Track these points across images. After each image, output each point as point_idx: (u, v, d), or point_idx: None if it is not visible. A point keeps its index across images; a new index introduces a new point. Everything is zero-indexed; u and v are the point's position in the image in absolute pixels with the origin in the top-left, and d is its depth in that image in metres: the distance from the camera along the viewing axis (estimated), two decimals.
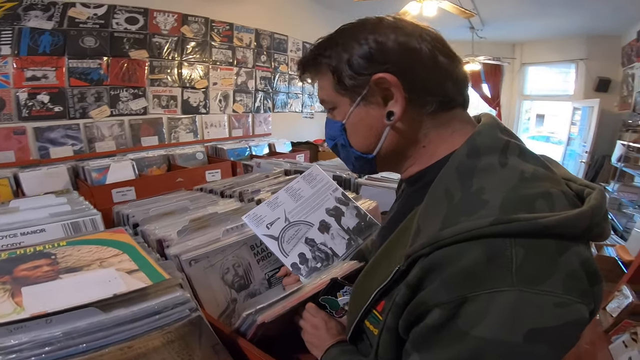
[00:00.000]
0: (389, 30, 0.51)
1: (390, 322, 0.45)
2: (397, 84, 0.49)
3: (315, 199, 0.95)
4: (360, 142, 0.56)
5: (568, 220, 0.37)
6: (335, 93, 0.55)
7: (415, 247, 0.42)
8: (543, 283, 0.36)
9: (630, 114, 4.32)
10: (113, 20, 2.47)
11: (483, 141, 0.47)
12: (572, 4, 3.76)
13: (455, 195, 0.43)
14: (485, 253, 0.37)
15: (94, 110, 2.47)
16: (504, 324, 0.35)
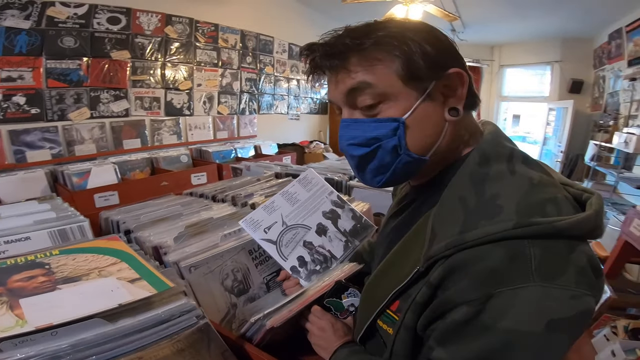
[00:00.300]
0: (433, 29, 0.52)
1: (409, 320, 0.47)
2: (467, 80, 0.50)
3: (311, 203, 0.95)
4: (421, 142, 0.51)
5: (578, 222, 0.41)
6: (399, 82, 0.48)
7: (439, 249, 0.44)
8: (559, 278, 0.39)
9: (602, 115, 4.53)
10: (94, 20, 2.40)
11: (492, 150, 0.49)
12: (548, 7, 3.92)
13: (470, 201, 0.46)
14: (508, 253, 0.40)
15: (73, 112, 2.39)
16: (527, 316, 0.38)
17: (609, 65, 4.42)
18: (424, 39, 0.48)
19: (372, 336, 0.57)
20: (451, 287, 0.42)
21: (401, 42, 0.48)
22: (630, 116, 3.69)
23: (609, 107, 4.39)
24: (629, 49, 3.81)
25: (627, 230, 1.48)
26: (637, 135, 2.71)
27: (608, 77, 4.46)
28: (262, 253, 0.92)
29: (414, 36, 0.48)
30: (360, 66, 0.49)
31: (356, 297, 0.67)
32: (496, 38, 5.78)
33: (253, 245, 0.91)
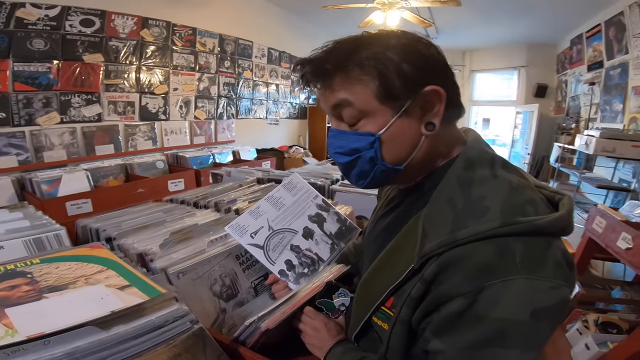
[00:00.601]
0: (417, 40, 0.53)
1: (404, 315, 0.50)
2: (444, 96, 0.52)
3: (297, 207, 0.97)
4: (395, 154, 0.55)
5: (554, 221, 0.46)
6: (374, 100, 0.52)
7: (432, 247, 0.47)
8: (540, 271, 0.43)
9: (564, 118, 4.80)
10: (66, 22, 2.32)
11: (476, 155, 0.54)
12: (515, 14, 4.13)
13: (458, 202, 0.49)
14: (496, 249, 0.44)
15: (41, 116, 2.29)
16: (515, 305, 0.42)
17: (570, 70, 4.70)
18: (403, 58, 0.51)
19: (367, 333, 0.59)
20: (445, 281, 0.45)
21: (379, 64, 0.51)
22: (590, 119, 3.94)
23: (570, 110, 4.66)
24: (588, 54, 4.06)
25: (590, 228, 1.58)
26: (596, 137, 2.89)
27: (570, 81, 4.74)
28: (249, 258, 0.92)
29: (394, 56, 0.51)
30: (342, 86, 0.53)
31: (346, 296, 0.69)
32: (467, 44, 6.02)
33: (240, 250, 0.91)
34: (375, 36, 0.54)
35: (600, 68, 3.74)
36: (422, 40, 0.54)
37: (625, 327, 1.30)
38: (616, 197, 3.18)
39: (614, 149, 2.81)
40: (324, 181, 1.53)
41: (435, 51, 0.54)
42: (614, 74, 3.44)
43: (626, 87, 3.21)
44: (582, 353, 1.24)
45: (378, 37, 0.54)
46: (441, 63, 0.54)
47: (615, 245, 1.33)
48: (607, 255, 1.51)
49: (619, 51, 3.35)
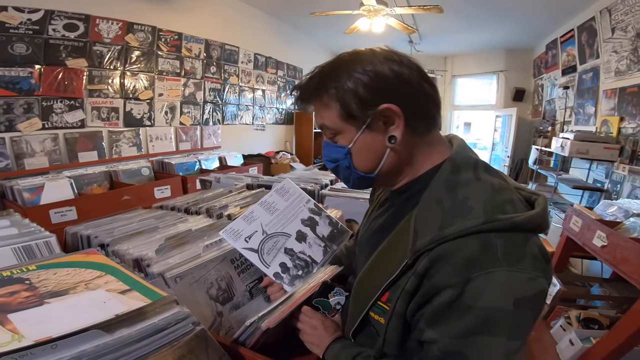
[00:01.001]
0: (384, 61, 0.58)
1: (400, 308, 0.54)
2: (399, 112, 0.57)
3: (290, 211, 0.99)
4: (364, 164, 0.63)
5: (530, 218, 0.51)
6: (340, 120, 0.61)
7: (423, 243, 0.51)
8: (519, 263, 0.48)
9: (541, 121, 4.99)
10: (49, 27, 2.28)
11: (461, 160, 0.59)
12: (494, 20, 4.27)
13: (446, 203, 0.54)
14: (480, 244, 0.49)
15: (22, 122, 2.24)
16: (499, 295, 0.47)
17: (546, 74, 4.89)
18: (361, 82, 0.57)
19: (363, 329, 0.63)
20: (435, 274, 0.50)
21: (339, 91, 0.59)
22: (565, 122, 4.10)
23: (547, 113, 4.85)
24: (562, 59, 4.24)
25: (568, 227, 1.65)
26: (571, 139, 3.03)
27: (546, 85, 4.93)
28: (244, 261, 0.94)
29: (352, 83, 0.58)
30: (318, 110, 0.64)
31: (342, 295, 0.72)
32: (449, 49, 6.19)
33: (235, 254, 0.93)
34: (346, 61, 0.60)
35: (573, 72, 3.91)
36: (392, 59, 0.58)
37: (605, 322, 1.36)
38: (591, 197, 3.33)
39: (588, 151, 2.95)
40: (313, 186, 1.56)
41: (406, 69, 0.58)
42: (586, 78, 3.61)
43: (597, 90, 3.37)
44: (567, 349, 1.29)
45: (347, 63, 0.60)
46: (404, 81, 0.58)
47: (592, 243, 1.40)
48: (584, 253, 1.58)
49: (591, 56, 3.51)
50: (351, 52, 0.62)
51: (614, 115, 3.05)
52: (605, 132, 3.14)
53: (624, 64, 2.95)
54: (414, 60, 0.61)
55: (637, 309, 1.08)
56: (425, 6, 3.01)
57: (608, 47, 3.19)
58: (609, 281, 1.69)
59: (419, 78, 0.59)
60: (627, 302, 1.46)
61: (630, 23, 2.86)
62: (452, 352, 0.49)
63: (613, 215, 1.76)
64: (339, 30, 4.13)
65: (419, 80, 0.59)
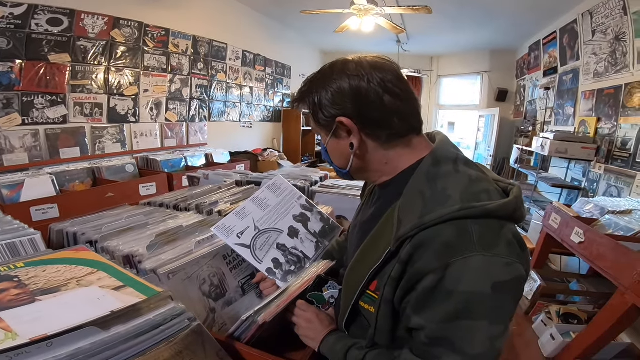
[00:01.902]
0: (347, 76, 0.63)
1: (387, 294, 0.56)
2: (352, 125, 0.63)
3: (281, 207, 1.00)
4: (337, 161, 0.71)
5: (503, 205, 0.55)
6: (316, 126, 0.70)
7: (405, 230, 0.54)
8: (494, 249, 0.51)
9: (522, 121, 5.11)
10: (32, 21, 2.21)
11: (442, 154, 0.62)
12: (479, 21, 4.35)
13: (426, 193, 0.58)
14: (457, 230, 0.52)
15: (1, 118, 2.17)
16: (477, 280, 0.50)
17: (528, 75, 5.01)
18: (325, 96, 0.64)
19: (356, 319, 0.65)
20: (418, 260, 0.53)
21: (312, 104, 0.67)
22: (545, 122, 4.23)
23: (528, 114, 4.98)
24: (544, 61, 4.36)
25: (547, 224, 1.71)
26: (551, 139, 3.13)
27: (527, 86, 5.06)
28: (236, 257, 0.95)
29: (322, 94, 0.65)
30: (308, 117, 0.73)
31: (335, 289, 0.74)
32: (435, 49, 6.27)
33: (227, 250, 0.93)
34: (324, 74, 0.67)
35: (554, 74, 4.03)
36: (356, 74, 0.63)
37: (584, 317, 1.41)
38: (569, 195, 3.45)
39: (566, 151, 3.05)
40: (303, 183, 1.57)
41: (364, 84, 0.62)
42: (567, 79, 3.73)
43: (577, 91, 3.49)
44: (548, 343, 1.33)
45: (323, 76, 0.66)
46: (360, 95, 0.62)
47: (570, 239, 1.46)
48: (563, 250, 1.64)
49: (572, 57, 3.62)
50: (330, 64, 0.68)
51: (592, 116, 3.17)
52: (583, 132, 3.25)
53: (602, 66, 3.06)
54: (377, 74, 0.62)
55: (612, 304, 1.13)
56: (414, 7, 3.05)
57: (588, 49, 3.30)
58: (587, 277, 1.76)
59: (379, 91, 0.61)
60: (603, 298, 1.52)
61: (610, 26, 2.97)
62: (438, 337, 0.51)
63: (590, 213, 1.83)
64: (329, 29, 4.14)
65: (379, 93, 0.61)
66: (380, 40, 5.20)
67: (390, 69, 0.64)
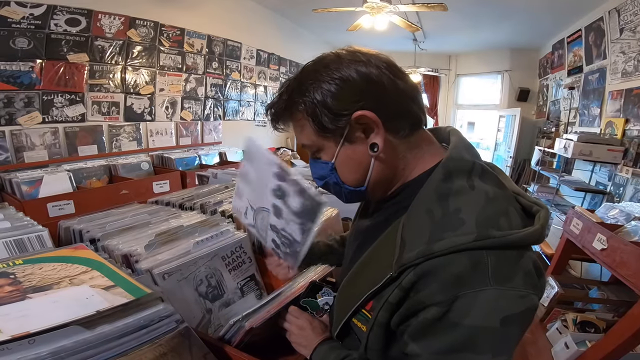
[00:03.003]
0: (349, 64, 0.54)
1: (382, 318, 0.52)
2: (375, 118, 0.53)
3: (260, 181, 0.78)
4: (351, 177, 0.58)
5: (526, 236, 0.49)
6: (317, 137, 0.57)
7: (410, 257, 0.49)
8: (510, 282, 0.46)
9: (545, 122, 4.94)
10: (52, 22, 2.28)
11: (454, 165, 0.54)
12: (500, 19, 4.23)
13: (436, 213, 0.51)
14: (470, 262, 0.46)
15: (22, 116, 2.24)
16: (486, 314, 0.45)
17: (551, 75, 4.84)
18: (329, 92, 0.53)
19: (348, 333, 0.61)
20: (422, 289, 0.48)
21: (308, 104, 0.55)
22: (569, 123, 4.06)
23: (551, 114, 4.80)
24: (569, 59, 4.19)
25: (568, 229, 1.63)
26: (574, 141, 3.00)
27: (551, 85, 4.88)
28: (236, 259, 0.93)
29: (321, 91, 0.53)
30: (295, 129, 0.61)
31: (330, 295, 0.71)
32: (453, 48, 6.14)
33: (226, 251, 0.92)
34: (310, 71, 0.56)
35: (579, 73, 3.86)
36: (358, 59, 0.54)
37: (602, 326, 1.35)
38: (593, 200, 3.29)
39: (591, 153, 2.91)
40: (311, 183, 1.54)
41: (374, 69, 0.54)
42: (593, 78, 3.57)
43: (603, 91, 3.33)
44: (562, 352, 1.28)
45: (312, 73, 0.55)
46: (373, 82, 0.53)
47: (591, 246, 1.38)
48: (584, 256, 1.56)
49: (598, 56, 3.47)
50: (315, 60, 0.58)
51: (619, 117, 3.02)
52: (610, 133, 3.10)
53: (632, 65, 2.91)
54: (382, 56, 0.56)
55: (633, 314, 1.06)
56: (429, 3, 2.98)
57: (616, 47, 3.14)
58: (608, 284, 1.68)
59: (391, 76, 0.54)
60: (624, 306, 1.45)
61: (639, 24, 2.82)
62: None
63: (614, 219, 1.74)
64: (342, 27, 4.10)
65: (390, 78, 0.54)
66: (395, 38, 5.12)
67: (385, 56, 0.57)
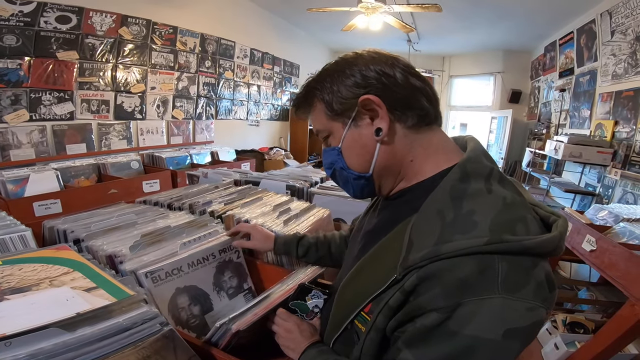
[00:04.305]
0: (367, 61, 0.58)
1: (380, 322, 0.50)
2: (379, 102, 0.56)
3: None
4: (356, 161, 0.61)
5: (543, 242, 0.46)
6: (327, 120, 0.61)
7: (415, 259, 0.47)
8: (520, 291, 0.44)
9: (536, 124, 4.98)
10: (41, 19, 2.24)
11: (472, 168, 0.53)
12: (493, 21, 4.26)
13: (448, 215, 0.49)
14: (479, 267, 0.44)
15: (9, 114, 2.20)
16: (488, 324, 0.43)
17: (543, 77, 4.88)
18: (343, 82, 0.58)
19: (345, 335, 0.59)
20: (423, 293, 0.46)
21: (321, 90, 0.61)
22: (559, 125, 4.11)
23: (542, 116, 4.85)
24: (560, 61, 4.23)
25: None
26: (565, 143, 3.02)
27: (542, 87, 4.92)
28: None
29: (336, 82, 0.59)
30: (311, 116, 0.65)
31: (320, 298, 0.70)
32: (447, 49, 6.16)
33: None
34: (330, 69, 0.62)
35: (570, 75, 3.91)
36: (377, 59, 0.59)
37: (591, 327, 1.36)
38: (582, 201, 3.33)
39: (581, 155, 2.94)
40: (302, 184, 1.53)
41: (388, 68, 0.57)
42: (583, 80, 3.61)
43: (594, 93, 3.37)
44: (551, 353, 1.28)
45: (332, 69, 0.61)
46: (385, 74, 0.57)
47: (581, 247, 1.39)
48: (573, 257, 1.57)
49: (589, 58, 3.51)
50: (336, 60, 0.62)
51: (609, 119, 3.05)
52: (600, 135, 3.14)
53: (622, 67, 2.94)
54: (402, 60, 0.60)
55: (621, 315, 1.07)
56: (423, 4, 2.99)
57: (607, 50, 3.18)
58: (596, 285, 1.69)
59: (405, 72, 0.58)
60: (613, 307, 1.46)
61: (630, 26, 2.85)
62: None
63: (603, 220, 1.75)
64: (337, 27, 4.10)
65: (404, 73, 0.57)
66: (390, 39, 5.14)
67: (404, 59, 0.60)
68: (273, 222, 1.10)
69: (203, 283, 0.85)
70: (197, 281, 0.84)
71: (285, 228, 1.07)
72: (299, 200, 1.36)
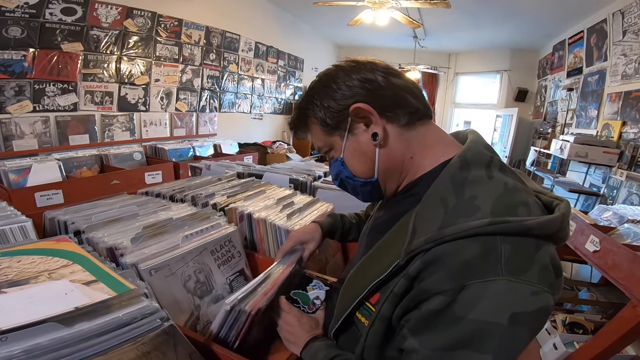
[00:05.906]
0: (348, 71, 0.60)
1: (385, 311, 0.50)
2: (369, 108, 0.58)
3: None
4: (360, 168, 0.63)
5: (546, 222, 0.45)
6: (325, 136, 0.64)
7: (419, 243, 0.47)
8: (524, 274, 0.43)
9: (542, 123, 4.95)
10: (47, 10, 2.24)
11: (472, 156, 0.54)
12: (502, 19, 4.21)
13: (450, 201, 0.49)
14: (481, 248, 0.43)
15: (13, 105, 2.19)
16: (493, 308, 0.42)
17: (550, 76, 4.84)
18: (330, 96, 0.61)
19: (348, 329, 0.59)
20: (427, 277, 0.45)
21: (313, 109, 0.63)
22: (566, 124, 4.07)
23: (548, 115, 4.80)
24: (569, 61, 4.19)
25: None
26: (570, 142, 2.99)
27: (549, 86, 4.88)
28: (225, 253, 0.91)
29: (325, 98, 0.61)
30: (311, 135, 0.68)
31: (321, 289, 0.69)
32: (453, 46, 6.11)
33: (215, 245, 0.90)
34: (315, 87, 0.64)
35: (579, 74, 3.86)
36: (355, 68, 0.61)
37: (590, 327, 1.35)
38: (586, 201, 3.31)
39: (587, 155, 2.92)
40: (306, 177, 1.52)
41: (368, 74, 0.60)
42: (592, 80, 3.56)
43: (602, 93, 3.33)
44: (550, 353, 1.28)
45: (316, 87, 0.64)
46: (368, 81, 0.59)
47: (584, 247, 1.38)
48: (575, 257, 1.56)
49: (599, 58, 3.46)
50: (319, 77, 0.65)
51: (617, 119, 3.02)
52: (606, 136, 3.11)
53: (632, 67, 2.91)
54: (377, 60, 0.62)
55: (622, 316, 1.06)
56: (432, 0, 2.95)
57: (617, 50, 3.14)
58: (597, 286, 1.68)
59: (384, 74, 0.60)
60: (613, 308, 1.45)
61: None
62: None
63: (608, 221, 1.74)
64: (342, 22, 4.06)
65: (384, 76, 0.60)
66: (396, 35, 5.09)
67: (380, 60, 0.63)
68: (276, 215, 1.09)
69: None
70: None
71: (288, 222, 1.06)
72: (303, 194, 1.35)
